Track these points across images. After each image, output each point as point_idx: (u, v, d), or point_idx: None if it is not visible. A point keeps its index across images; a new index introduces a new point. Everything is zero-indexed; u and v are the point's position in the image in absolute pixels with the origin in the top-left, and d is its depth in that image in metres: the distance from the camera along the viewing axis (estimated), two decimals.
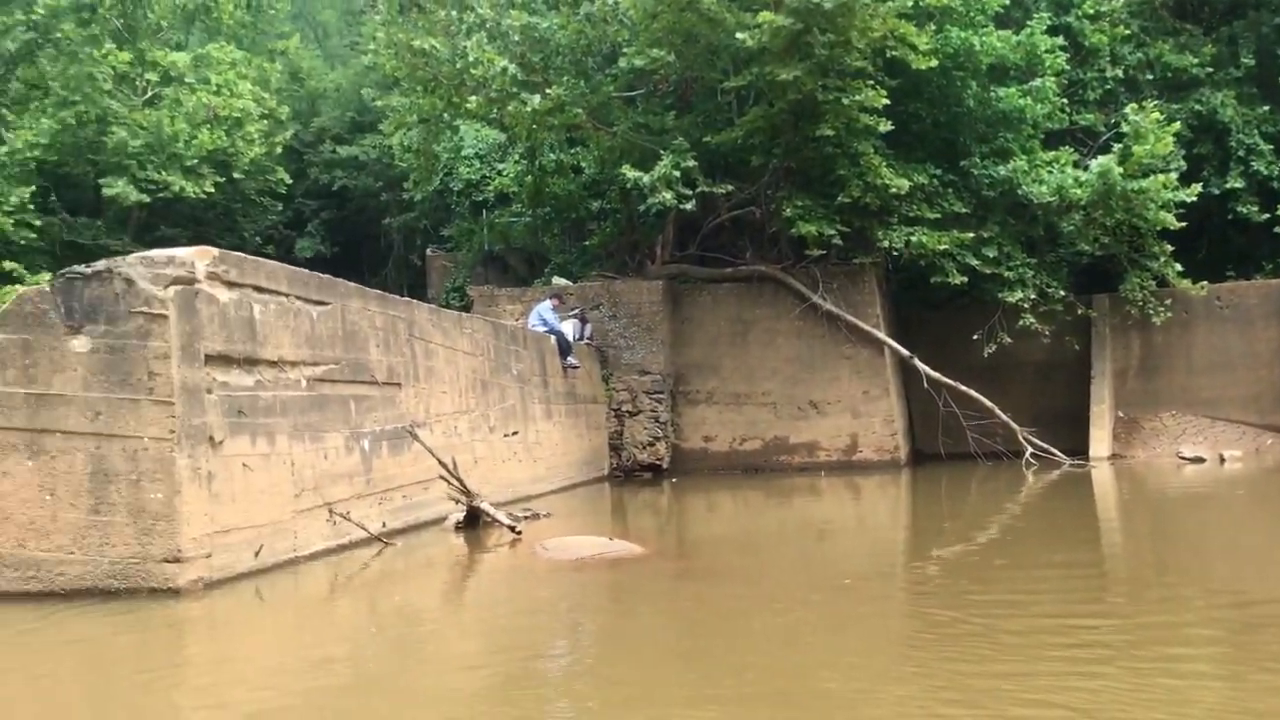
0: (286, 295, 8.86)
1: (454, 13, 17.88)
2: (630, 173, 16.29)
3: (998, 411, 17.24)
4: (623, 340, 17.75)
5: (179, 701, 5.23)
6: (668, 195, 16.00)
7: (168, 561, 7.18)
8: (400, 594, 8.07)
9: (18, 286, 25.01)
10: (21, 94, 27.98)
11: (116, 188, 26.08)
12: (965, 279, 17.04)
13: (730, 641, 5.94)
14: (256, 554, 8.02)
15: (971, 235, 17.00)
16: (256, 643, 6.57)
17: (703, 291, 18.21)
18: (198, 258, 7.72)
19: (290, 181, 29.91)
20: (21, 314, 7.49)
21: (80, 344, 7.34)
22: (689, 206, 16.64)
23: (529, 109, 16.39)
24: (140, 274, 7.38)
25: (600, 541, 8.99)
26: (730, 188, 17.33)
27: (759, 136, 16.92)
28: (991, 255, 17.31)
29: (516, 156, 21.56)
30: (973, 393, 17.33)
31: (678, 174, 16.02)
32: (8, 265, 25.54)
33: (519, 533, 10.08)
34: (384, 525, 9.95)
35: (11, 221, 25.83)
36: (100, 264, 7.54)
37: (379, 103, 25.91)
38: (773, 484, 16.14)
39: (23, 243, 26.20)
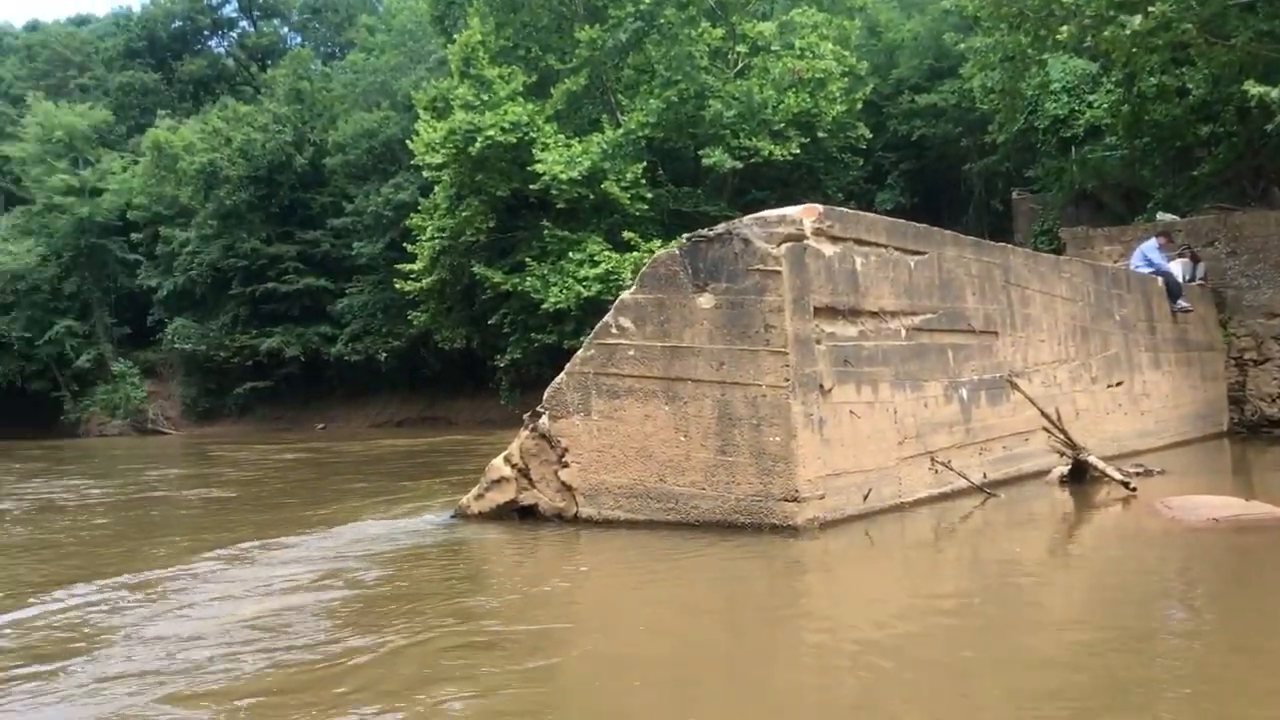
0: (885, 246, 9.03)
1: None
2: (1254, 89, 14.38)
3: None
4: (1244, 279, 15.82)
5: (801, 628, 5.58)
6: None
7: (786, 500, 7.69)
8: (1004, 545, 7.91)
9: (633, 254, 28.30)
10: (632, 79, 31.37)
11: (714, 156, 28.26)
12: None
13: None
14: (865, 497, 8.33)
15: None
16: (867, 581, 6.81)
17: None
18: (805, 215, 8.11)
19: (870, 136, 30.45)
20: (657, 275, 8.41)
21: (706, 300, 8.08)
22: None
23: (1128, 31, 15.06)
24: (755, 234, 7.93)
25: (1235, 502, 8.08)
26: None
27: None
28: None
29: (1110, 85, 20.08)
30: None
31: None
32: (626, 234, 28.94)
33: (1133, 489, 9.41)
34: (984, 476, 9.82)
35: (628, 195, 29.17)
36: (720, 227, 8.21)
37: (960, 46, 25.35)
38: None
39: (637, 213, 29.49)
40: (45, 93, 57.98)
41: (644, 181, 29.55)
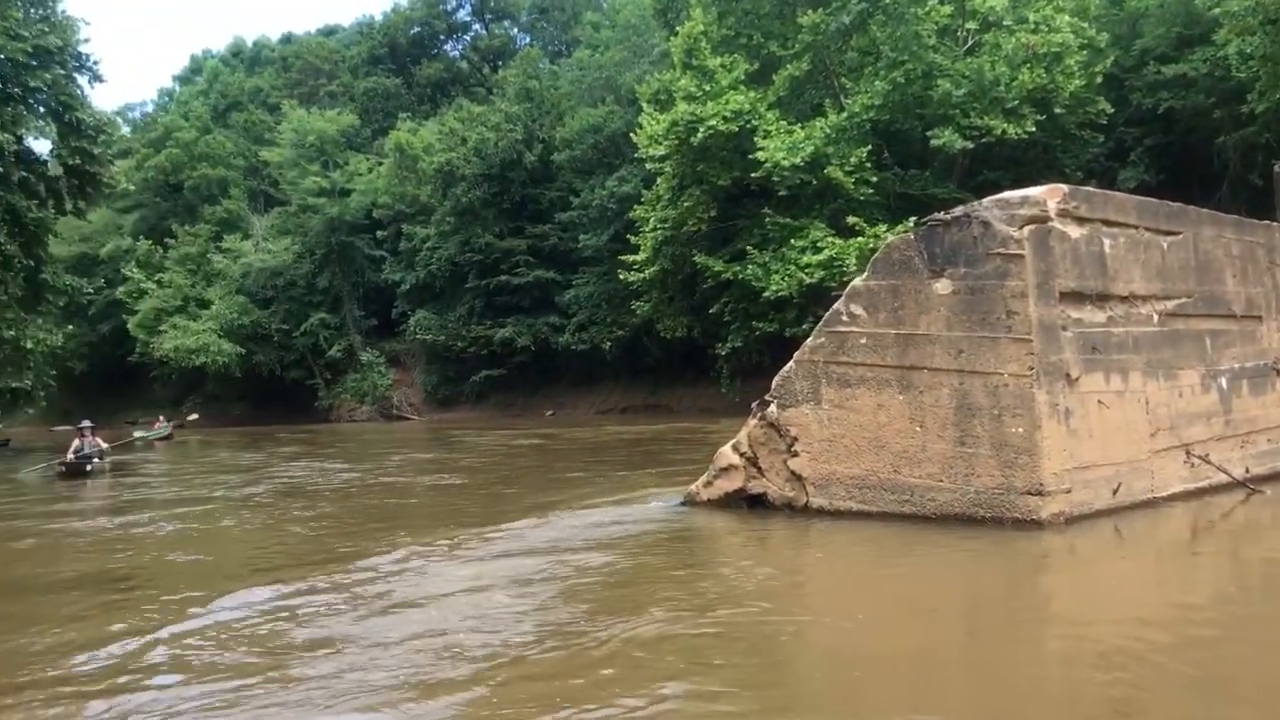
0: (1135, 227, 8.51)
1: None
2: None
3: None
4: None
5: (1046, 633, 5.34)
6: None
7: (1030, 494, 7.38)
8: (1271, 545, 7.34)
9: (857, 239, 27.81)
10: (856, 62, 30.78)
11: (943, 137, 27.35)
12: None
13: None
14: (1114, 492, 7.89)
15: None
16: (1117, 582, 6.44)
17: None
18: (1049, 196, 7.74)
19: (1111, 110, 28.73)
20: (890, 261, 8.23)
21: (942, 286, 7.85)
22: None
23: None
24: (996, 216, 7.64)
25: None
26: None
27: None
28: None
29: None
30: None
31: None
32: (850, 219, 28.45)
33: None
34: (1247, 470, 9.12)
35: (852, 180, 28.66)
36: (957, 210, 7.95)
37: (1215, 10, 23.56)
38: None
39: (862, 198, 28.94)
40: (298, 100, 62.40)
41: (869, 165, 28.96)
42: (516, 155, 46.45)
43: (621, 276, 36.16)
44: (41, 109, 28.08)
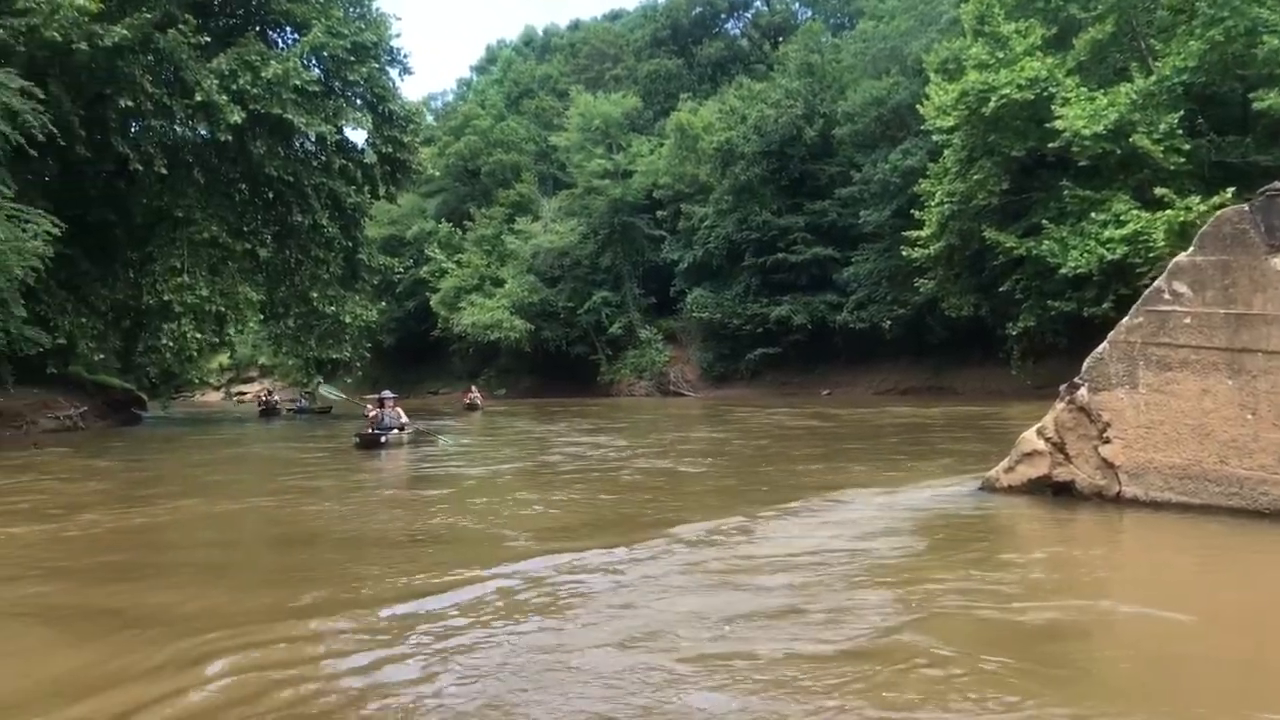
0: None
1: None
2: None
3: None
4: None
5: None
6: None
7: None
8: None
9: (1165, 212, 25.79)
10: (1166, 21, 28.51)
11: (1268, 99, 24.95)
12: None
13: None
14: None
15: None
16: None
17: None
18: None
19: None
20: (1219, 235, 7.57)
21: None
22: None
23: None
24: None
25: None
26: None
27: None
28: None
29: None
30: None
31: None
32: (1159, 191, 26.45)
33: None
34: None
35: (1161, 148, 26.63)
36: None
37: None
38: None
39: (1172, 167, 26.84)
40: (585, 85, 64.68)
41: (1180, 132, 26.77)
42: (796, 131, 46.20)
43: (904, 253, 35.30)
44: (358, 101, 30.39)
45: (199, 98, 24.50)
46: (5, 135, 18.68)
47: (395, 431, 18.49)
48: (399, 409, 19.46)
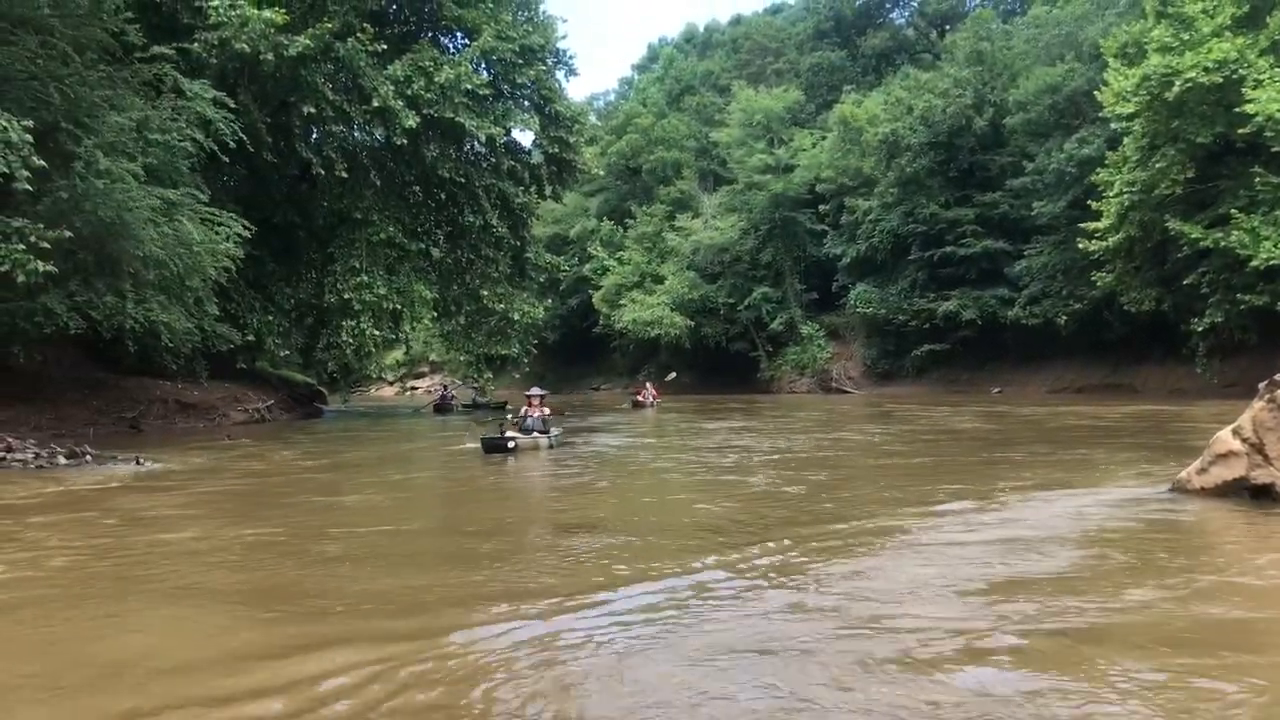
0: None
1: None
2: None
3: None
4: None
5: None
6: None
7: None
8: None
9: None
10: None
11: None
12: None
13: None
14: None
15: None
16: None
17: None
18: None
19: None
20: None
21: None
22: None
23: None
24: None
25: None
26: None
27: None
28: None
29: None
30: None
31: None
32: None
33: None
34: None
35: None
36: None
37: None
38: None
39: None
40: (746, 80, 64.44)
41: None
42: (965, 121, 44.98)
43: (1080, 245, 33.92)
44: (526, 103, 31.10)
45: (376, 103, 25.53)
46: (199, 143, 19.84)
47: (534, 435, 16.94)
48: (546, 408, 18.13)
